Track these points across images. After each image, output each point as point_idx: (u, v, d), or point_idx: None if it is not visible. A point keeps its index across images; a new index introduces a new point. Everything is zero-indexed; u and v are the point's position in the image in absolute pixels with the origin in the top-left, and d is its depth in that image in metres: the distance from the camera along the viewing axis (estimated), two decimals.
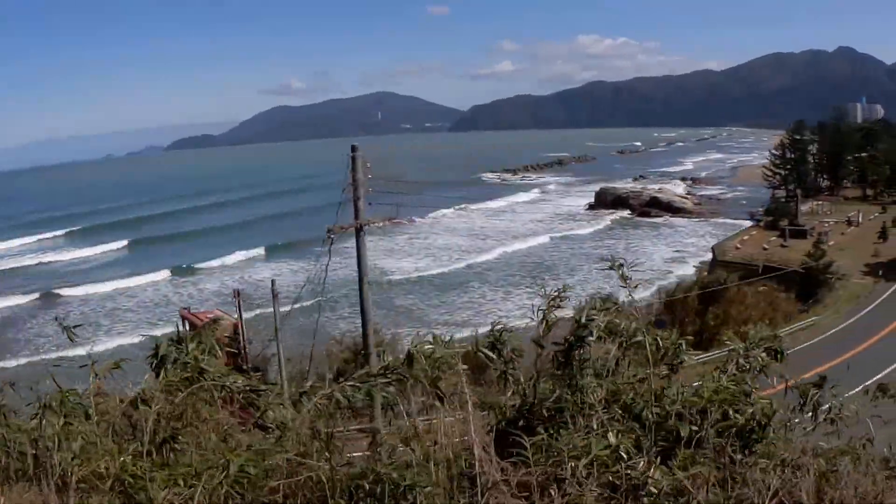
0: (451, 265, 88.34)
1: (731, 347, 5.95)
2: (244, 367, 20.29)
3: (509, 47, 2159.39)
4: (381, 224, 18.32)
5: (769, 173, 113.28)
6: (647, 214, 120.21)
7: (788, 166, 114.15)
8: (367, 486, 3.91)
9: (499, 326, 5.09)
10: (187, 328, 36.27)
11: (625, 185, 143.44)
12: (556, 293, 5.06)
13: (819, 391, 5.28)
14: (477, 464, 4.03)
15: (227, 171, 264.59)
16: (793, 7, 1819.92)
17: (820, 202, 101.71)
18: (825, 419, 4.90)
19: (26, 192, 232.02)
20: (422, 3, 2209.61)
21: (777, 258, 64.15)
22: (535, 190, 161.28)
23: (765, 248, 69.68)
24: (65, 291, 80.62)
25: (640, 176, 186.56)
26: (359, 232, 18.09)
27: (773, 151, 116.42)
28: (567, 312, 5.05)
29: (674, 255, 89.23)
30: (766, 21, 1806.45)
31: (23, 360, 54.05)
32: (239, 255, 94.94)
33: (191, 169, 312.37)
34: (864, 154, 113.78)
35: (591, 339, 4.90)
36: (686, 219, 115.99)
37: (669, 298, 40.76)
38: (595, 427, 4.43)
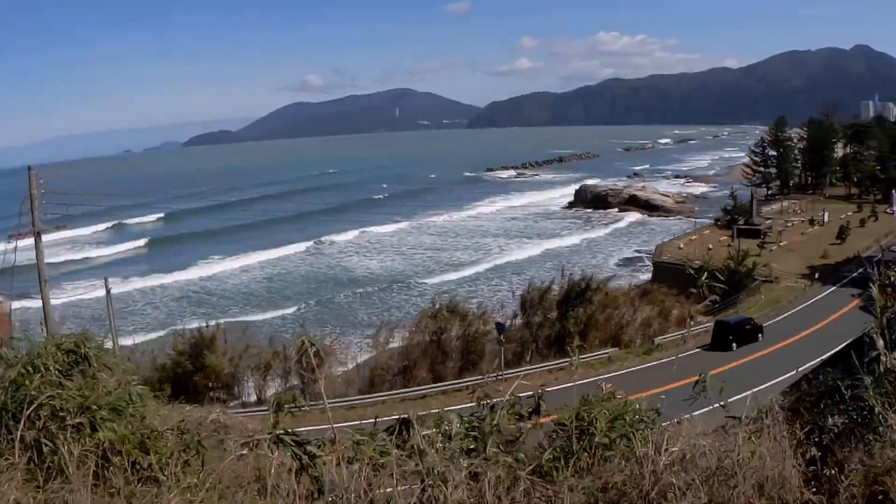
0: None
1: None
2: None
3: (528, 44, 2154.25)
4: (55, 230, 18.83)
5: (749, 172, 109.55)
6: (626, 213, 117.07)
7: (770, 164, 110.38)
8: None
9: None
10: None
11: (605, 183, 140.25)
12: None
13: None
14: None
15: (233, 169, 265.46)
16: (808, 4, 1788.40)
17: (794, 201, 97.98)
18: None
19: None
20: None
21: (715, 259, 60.93)
22: (529, 192, 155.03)
23: (710, 249, 66.45)
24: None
25: (635, 174, 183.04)
26: (37, 237, 18.20)
27: (753, 149, 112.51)
28: None
29: (633, 256, 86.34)
30: (781, 18, 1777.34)
31: None
32: None
33: (202, 165, 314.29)
34: (848, 152, 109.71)
35: None
36: (663, 217, 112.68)
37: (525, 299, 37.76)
38: None
